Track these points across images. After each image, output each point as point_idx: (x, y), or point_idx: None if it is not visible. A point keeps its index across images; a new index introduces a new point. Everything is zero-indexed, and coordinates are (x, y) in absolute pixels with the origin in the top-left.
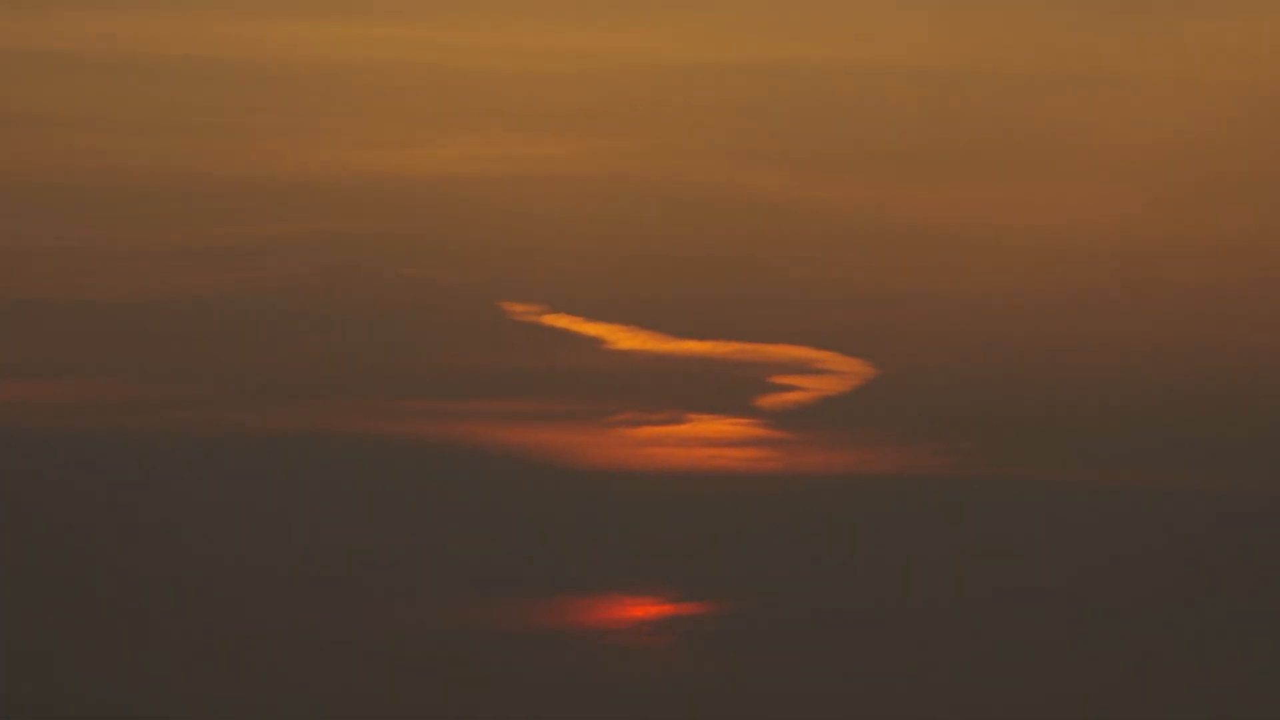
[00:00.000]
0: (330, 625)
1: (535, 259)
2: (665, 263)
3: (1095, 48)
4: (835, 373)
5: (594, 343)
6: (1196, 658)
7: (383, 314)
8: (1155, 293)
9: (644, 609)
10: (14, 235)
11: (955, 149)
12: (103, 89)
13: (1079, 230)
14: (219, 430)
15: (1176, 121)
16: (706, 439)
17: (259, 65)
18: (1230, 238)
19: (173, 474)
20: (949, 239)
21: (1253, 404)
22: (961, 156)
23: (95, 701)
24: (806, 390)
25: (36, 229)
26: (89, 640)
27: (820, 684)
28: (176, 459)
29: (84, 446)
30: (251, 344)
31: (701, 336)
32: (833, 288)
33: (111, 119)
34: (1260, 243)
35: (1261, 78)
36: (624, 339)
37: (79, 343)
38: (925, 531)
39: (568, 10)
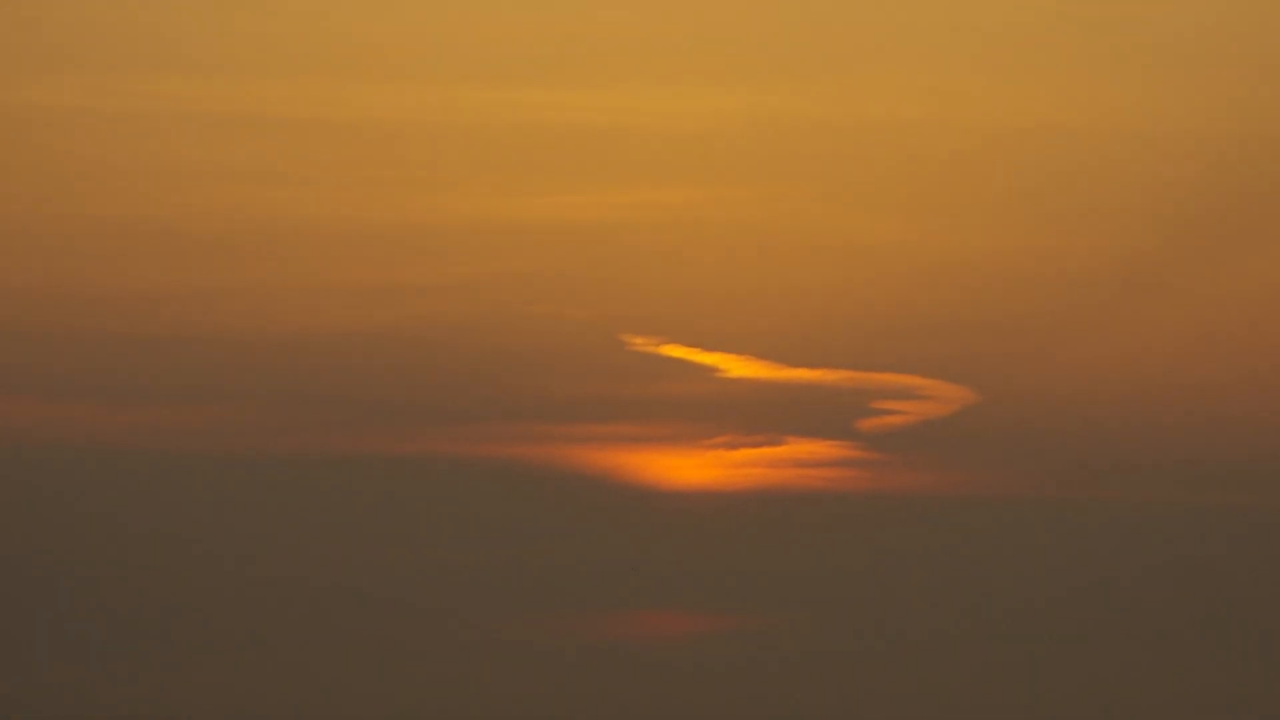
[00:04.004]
0: (441, 634)
1: (657, 296)
2: (780, 299)
3: (1204, 107)
4: (938, 399)
5: (708, 371)
6: None
7: (513, 347)
8: (1248, 329)
9: (704, 623)
10: (200, 275)
11: (1061, 200)
12: (283, 147)
13: (1175, 275)
14: (351, 452)
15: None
16: (798, 460)
17: (410, 126)
18: None
19: (305, 491)
20: (1054, 280)
21: None
22: (1065, 207)
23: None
24: (907, 415)
25: (214, 270)
26: (226, 647)
27: (899, 700)
28: (310, 477)
29: (230, 466)
30: (392, 374)
31: (812, 366)
32: (940, 320)
33: (286, 174)
34: None
35: None
36: (737, 368)
37: (235, 372)
38: (1010, 551)
39: (692, 75)
